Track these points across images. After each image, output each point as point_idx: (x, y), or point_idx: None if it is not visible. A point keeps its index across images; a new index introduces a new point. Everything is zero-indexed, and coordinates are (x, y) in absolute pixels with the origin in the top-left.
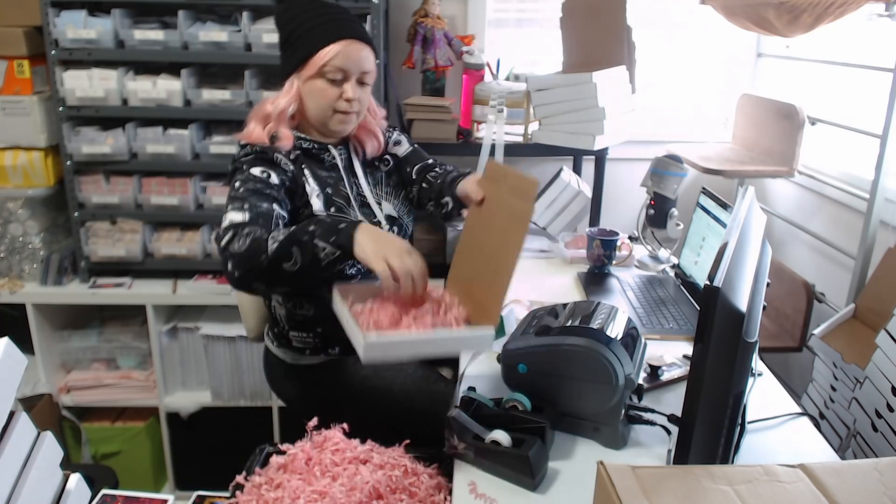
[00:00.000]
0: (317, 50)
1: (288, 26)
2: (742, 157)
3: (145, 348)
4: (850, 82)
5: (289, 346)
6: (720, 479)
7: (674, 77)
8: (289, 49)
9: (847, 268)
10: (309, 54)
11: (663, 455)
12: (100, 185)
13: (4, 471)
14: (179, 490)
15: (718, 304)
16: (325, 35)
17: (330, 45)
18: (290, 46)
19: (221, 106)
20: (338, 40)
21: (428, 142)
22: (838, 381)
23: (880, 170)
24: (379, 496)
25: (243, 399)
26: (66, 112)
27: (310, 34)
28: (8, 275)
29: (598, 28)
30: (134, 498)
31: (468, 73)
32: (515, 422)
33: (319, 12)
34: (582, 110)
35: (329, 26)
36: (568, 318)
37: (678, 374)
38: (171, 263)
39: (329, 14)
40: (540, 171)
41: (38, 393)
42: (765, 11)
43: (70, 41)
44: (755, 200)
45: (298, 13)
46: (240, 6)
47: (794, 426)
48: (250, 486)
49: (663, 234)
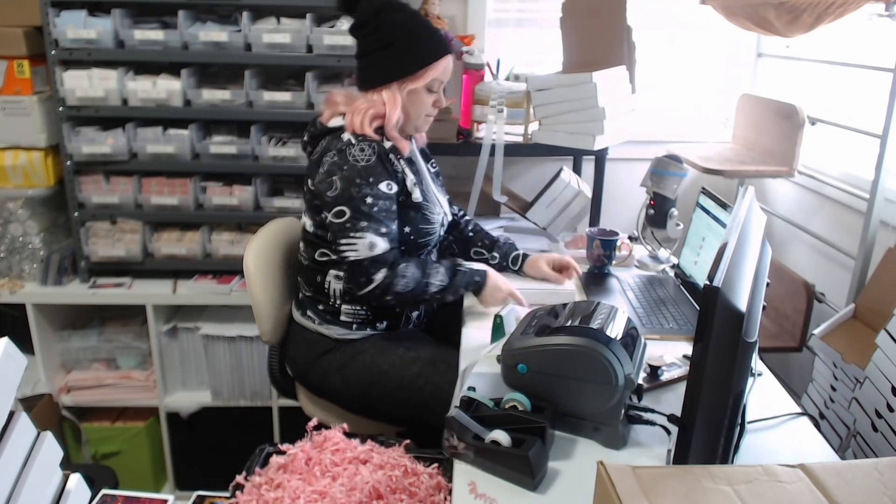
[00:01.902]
0: (428, 65)
1: (392, 34)
2: (742, 157)
3: (145, 348)
4: (850, 82)
5: (336, 321)
6: (720, 479)
7: (674, 77)
8: (395, 56)
9: (847, 268)
10: (420, 68)
11: (663, 455)
12: (100, 185)
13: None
14: (179, 490)
15: (718, 304)
16: (434, 51)
17: (438, 62)
18: (397, 54)
19: (221, 106)
20: (442, 56)
21: (428, 142)
22: (838, 381)
23: (880, 170)
24: (379, 496)
25: (243, 399)
26: (66, 112)
27: (418, 47)
28: (8, 275)
29: (598, 28)
30: (134, 498)
31: (468, 73)
32: (515, 422)
33: (422, 23)
34: (582, 110)
35: (434, 41)
36: (568, 318)
37: (678, 374)
38: (171, 263)
39: (429, 27)
40: (540, 171)
41: (38, 393)
42: (765, 11)
43: (70, 41)
44: (755, 200)
45: (402, 21)
46: (240, 6)
47: (794, 426)
48: (250, 486)
49: (663, 234)
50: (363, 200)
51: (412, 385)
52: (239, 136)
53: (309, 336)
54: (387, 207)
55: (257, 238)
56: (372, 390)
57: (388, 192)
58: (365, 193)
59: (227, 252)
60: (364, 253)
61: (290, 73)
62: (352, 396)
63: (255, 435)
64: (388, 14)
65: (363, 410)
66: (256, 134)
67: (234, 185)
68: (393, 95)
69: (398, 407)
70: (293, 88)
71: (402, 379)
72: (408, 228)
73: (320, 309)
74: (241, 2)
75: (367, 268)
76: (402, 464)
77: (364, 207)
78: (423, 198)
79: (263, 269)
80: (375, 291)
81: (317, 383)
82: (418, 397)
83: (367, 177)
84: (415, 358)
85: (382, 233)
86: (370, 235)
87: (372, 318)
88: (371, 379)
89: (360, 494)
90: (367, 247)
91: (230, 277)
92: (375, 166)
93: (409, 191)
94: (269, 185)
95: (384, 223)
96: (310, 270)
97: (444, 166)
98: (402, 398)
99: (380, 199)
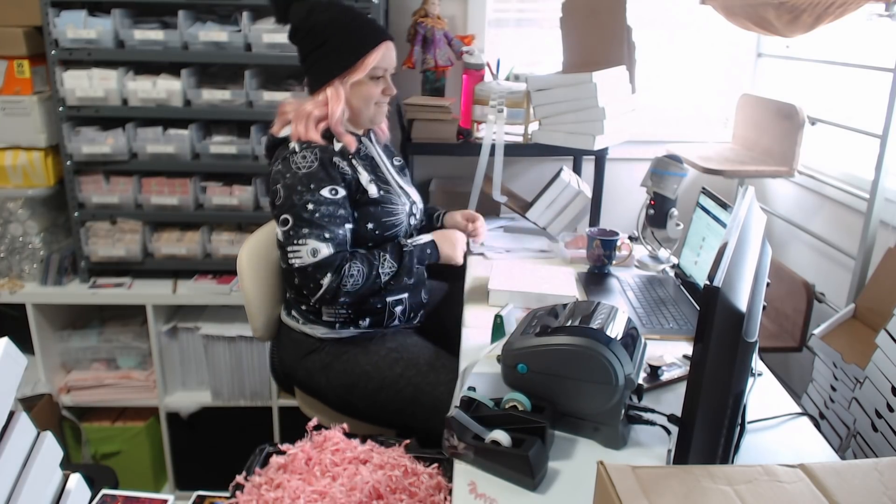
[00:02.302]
0: (365, 55)
1: (323, 33)
2: (742, 157)
3: (145, 348)
4: (850, 82)
5: (318, 320)
6: (720, 479)
7: (674, 77)
8: (330, 54)
9: (847, 268)
10: (357, 59)
11: (663, 455)
12: (100, 185)
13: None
14: (179, 490)
15: (718, 304)
16: (368, 40)
17: (375, 50)
18: (331, 52)
19: (221, 106)
20: (379, 44)
21: (428, 142)
22: (838, 381)
23: (880, 170)
24: (379, 496)
25: (243, 399)
26: (66, 112)
27: (352, 39)
28: (8, 275)
29: (598, 28)
30: (134, 498)
31: (468, 73)
32: (515, 422)
33: (352, 16)
34: (582, 110)
35: (366, 30)
36: (568, 318)
37: (678, 374)
38: (171, 263)
39: (360, 18)
40: (540, 171)
41: (38, 393)
42: (765, 11)
43: (70, 41)
44: (755, 200)
45: (332, 19)
46: (240, 6)
47: (794, 426)
48: (250, 486)
49: (663, 234)
50: (304, 207)
51: (393, 386)
52: (239, 136)
53: (294, 336)
54: (330, 213)
55: (252, 238)
56: (354, 391)
57: (332, 198)
58: (306, 200)
59: (227, 252)
60: (308, 259)
61: (290, 73)
62: (335, 396)
63: (255, 435)
64: (316, 15)
65: (347, 410)
66: (256, 134)
67: (234, 185)
68: (336, 91)
69: (380, 408)
70: (293, 88)
71: (384, 380)
72: (371, 224)
73: (303, 309)
74: (241, 2)
75: (313, 274)
76: (402, 464)
77: (305, 214)
78: (383, 191)
79: (256, 269)
80: (326, 297)
81: (304, 383)
82: (398, 399)
83: (308, 183)
84: (398, 359)
85: (326, 238)
86: (312, 242)
87: (354, 317)
88: (353, 379)
89: (360, 494)
90: (311, 253)
91: (230, 277)
92: (317, 172)
93: (365, 188)
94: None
95: (328, 228)
96: (287, 273)
97: (445, 166)
98: (383, 399)
99: (322, 204)
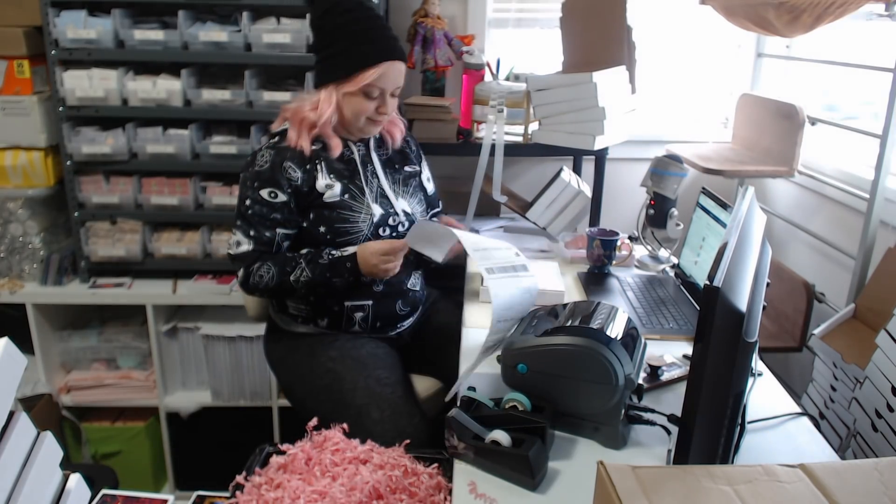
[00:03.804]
0: (360, 70)
1: (331, 34)
2: (742, 157)
3: (145, 348)
4: (850, 82)
5: (285, 311)
6: (720, 479)
7: (674, 77)
8: (330, 59)
9: (847, 268)
10: (352, 73)
11: (663, 455)
12: (100, 185)
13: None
14: (179, 490)
15: (718, 304)
16: (369, 56)
17: (373, 68)
18: (331, 57)
19: (221, 106)
20: (380, 63)
21: (428, 142)
22: (838, 381)
23: (880, 170)
24: (379, 496)
25: (243, 399)
26: (66, 112)
27: (353, 51)
28: (8, 275)
29: (598, 28)
30: (134, 498)
31: (468, 73)
32: (515, 422)
33: (364, 27)
34: (582, 110)
35: (373, 46)
36: (568, 318)
37: (678, 374)
38: (171, 263)
39: (373, 31)
40: (540, 171)
41: (38, 393)
42: (765, 11)
43: (70, 41)
44: (755, 200)
45: (343, 24)
46: (240, 6)
47: (794, 426)
48: (250, 486)
49: (663, 234)
50: (243, 202)
51: (317, 397)
52: (239, 136)
53: (270, 323)
54: (262, 213)
55: None
56: (293, 389)
57: (269, 200)
58: (246, 195)
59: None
60: (232, 249)
61: (290, 73)
62: (284, 388)
63: (255, 435)
64: (332, 16)
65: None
66: (256, 134)
67: (234, 185)
68: (329, 96)
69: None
70: (293, 88)
71: (313, 388)
72: (323, 227)
73: (275, 300)
74: (241, 2)
75: (233, 263)
76: (402, 464)
77: (242, 208)
78: (343, 198)
79: None
80: (243, 287)
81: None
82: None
83: (253, 181)
84: (330, 369)
85: (250, 235)
86: (238, 234)
87: (313, 315)
88: (292, 379)
89: (360, 494)
90: (234, 244)
91: (230, 277)
92: (264, 173)
93: (320, 192)
94: None
95: (254, 227)
96: None
97: (445, 166)
98: (310, 406)
99: (256, 203)
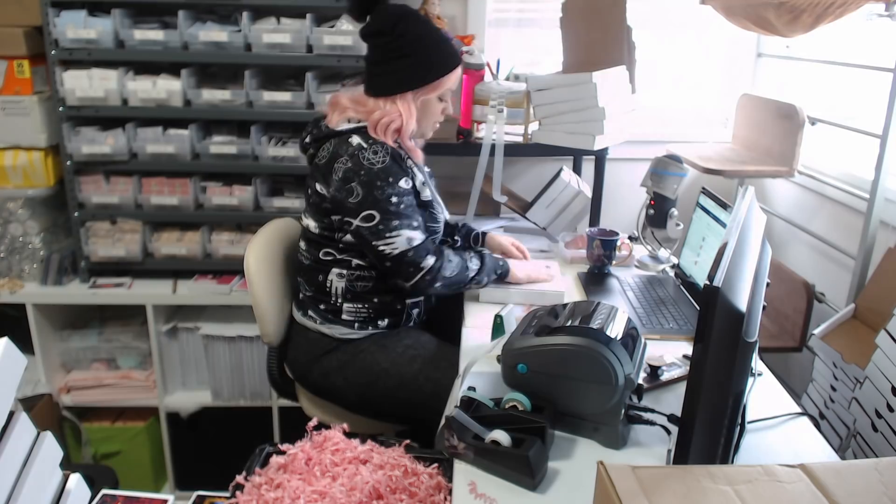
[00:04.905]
0: (443, 75)
1: (412, 45)
2: (742, 157)
3: (145, 348)
4: (850, 82)
5: (337, 320)
6: (720, 479)
7: (674, 77)
8: (410, 67)
9: (847, 268)
10: (435, 78)
11: (663, 455)
12: (100, 185)
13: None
14: (179, 490)
15: (718, 304)
16: (449, 62)
17: (453, 72)
18: (412, 65)
19: (221, 106)
20: (456, 67)
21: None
22: (838, 381)
23: (880, 170)
24: (379, 496)
25: (243, 399)
26: (66, 112)
27: (435, 58)
28: (8, 275)
29: (598, 28)
30: (134, 498)
31: (468, 73)
32: (515, 422)
33: (439, 36)
34: (582, 110)
35: (448, 52)
36: (568, 318)
37: (678, 374)
38: (171, 263)
39: (445, 39)
40: (540, 171)
41: (38, 393)
42: (765, 11)
43: (70, 41)
44: (755, 200)
45: (423, 34)
46: (240, 6)
47: (794, 426)
48: (250, 486)
49: (663, 234)
50: (389, 201)
51: (413, 383)
52: (239, 136)
53: (310, 336)
54: (411, 202)
55: (257, 239)
56: (373, 389)
57: (408, 188)
58: (389, 194)
59: (227, 252)
60: (404, 247)
61: (290, 73)
62: (353, 395)
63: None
64: (407, 24)
65: (365, 410)
66: (256, 134)
67: (234, 185)
68: (408, 105)
69: (399, 405)
70: (293, 88)
71: (403, 377)
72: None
73: (321, 308)
74: (241, 2)
75: (413, 258)
76: (402, 464)
77: (392, 207)
78: (431, 196)
79: (265, 271)
80: (426, 278)
81: (318, 383)
82: (419, 395)
83: (386, 177)
84: (415, 356)
85: (415, 226)
86: (405, 231)
87: (374, 317)
88: (372, 377)
89: (360, 494)
90: (406, 242)
91: (230, 277)
92: (391, 166)
93: (419, 189)
94: (268, 185)
95: (413, 217)
96: (311, 270)
97: (445, 166)
98: (403, 396)
99: (403, 195)
